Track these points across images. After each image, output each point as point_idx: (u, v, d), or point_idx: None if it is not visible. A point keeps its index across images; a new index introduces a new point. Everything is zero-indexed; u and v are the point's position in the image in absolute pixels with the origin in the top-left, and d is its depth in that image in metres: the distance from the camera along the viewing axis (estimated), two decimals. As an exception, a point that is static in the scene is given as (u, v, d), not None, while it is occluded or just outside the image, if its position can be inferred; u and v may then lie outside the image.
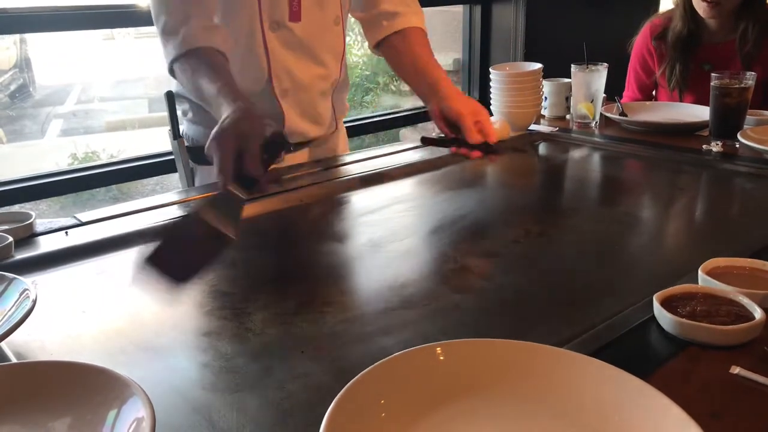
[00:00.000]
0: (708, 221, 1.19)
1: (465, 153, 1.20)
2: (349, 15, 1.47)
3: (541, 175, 1.52)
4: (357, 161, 1.45)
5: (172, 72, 1.21)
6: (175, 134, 1.45)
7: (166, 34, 1.19)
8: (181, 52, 1.16)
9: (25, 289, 0.75)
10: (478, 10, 2.83)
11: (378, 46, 1.45)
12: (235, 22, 1.28)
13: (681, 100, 2.04)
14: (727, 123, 1.51)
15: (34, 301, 0.73)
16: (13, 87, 6.17)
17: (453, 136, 1.22)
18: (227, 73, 1.13)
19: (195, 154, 1.45)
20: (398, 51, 1.41)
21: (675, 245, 1.09)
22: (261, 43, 1.30)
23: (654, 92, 2.19)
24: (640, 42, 2.16)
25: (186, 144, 1.46)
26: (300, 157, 1.47)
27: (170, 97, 1.44)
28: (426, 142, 1.29)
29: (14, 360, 0.72)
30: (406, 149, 1.55)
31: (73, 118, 6.07)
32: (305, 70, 1.36)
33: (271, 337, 0.77)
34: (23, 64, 6.44)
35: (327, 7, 1.36)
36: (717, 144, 1.44)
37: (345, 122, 1.65)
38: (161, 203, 1.20)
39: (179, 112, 1.46)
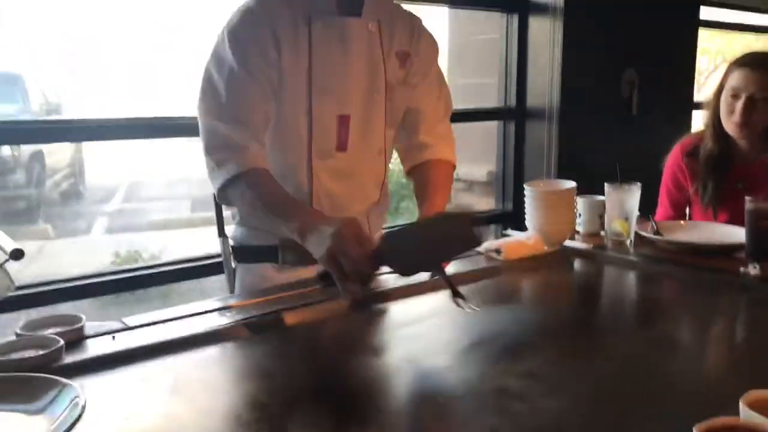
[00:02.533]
0: (748, 348, 1.18)
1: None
2: None
3: (577, 292, 1.53)
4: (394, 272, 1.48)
5: (223, 192, 1.31)
6: (220, 232, 1.54)
7: (221, 155, 1.30)
8: (239, 172, 1.28)
9: (75, 397, 0.78)
10: (512, 126, 2.94)
11: (408, 174, 1.56)
12: (284, 149, 1.39)
13: (715, 218, 2.05)
14: (763, 246, 1.51)
15: (83, 408, 0.76)
16: (65, 185, 6.48)
17: None
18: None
19: (238, 253, 1.52)
20: (417, 180, 1.52)
21: (714, 373, 1.08)
22: (305, 168, 1.40)
23: (688, 210, 2.21)
24: (672, 160, 2.20)
25: (231, 243, 1.53)
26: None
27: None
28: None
29: (59, 467, 0.73)
30: (442, 261, 1.57)
31: (119, 216, 6.31)
32: (345, 195, 1.44)
33: (309, 453, 0.78)
34: (76, 164, 6.80)
35: (372, 139, 1.45)
36: (755, 267, 1.44)
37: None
38: (204, 310, 1.24)
39: (229, 214, 1.55)
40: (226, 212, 1.58)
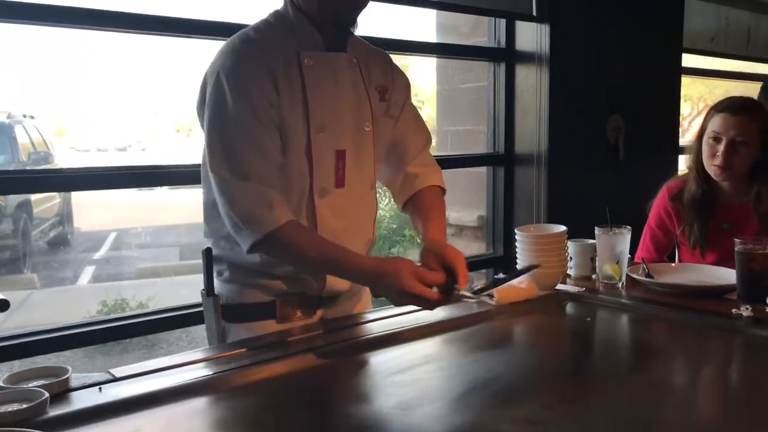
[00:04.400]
0: (743, 391, 1.17)
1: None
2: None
3: (570, 336, 1.52)
4: (384, 318, 1.46)
5: (254, 249, 1.31)
6: (209, 291, 1.48)
7: (246, 215, 1.30)
8: (271, 230, 1.28)
9: (61, 451, 0.76)
10: (501, 171, 2.97)
11: (404, 208, 1.57)
12: (287, 190, 1.37)
13: (703, 258, 2.06)
14: (754, 287, 1.51)
15: (68, 463, 0.73)
16: (52, 234, 6.44)
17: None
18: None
19: (228, 312, 1.45)
20: (414, 209, 1.53)
21: (710, 417, 1.06)
22: (308, 208, 1.38)
23: (677, 252, 2.22)
24: (659, 203, 2.22)
25: (221, 302, 1.48)
26: (326, 313, 1.49)
27: (208, 254, 1.48)
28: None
29: None
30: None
31: (106, 264, 6.25)
32: (345, 232, 1.42)
33: (301, 507, 0.75)
34: (64, 212, 6.77)
35: (364, 173, 1.46)
36: (747, 308, 1.44)
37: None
38: (194, 359, 1.22)
39: (214, 271, 1.48)
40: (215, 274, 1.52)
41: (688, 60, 3.63)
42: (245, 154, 1.31)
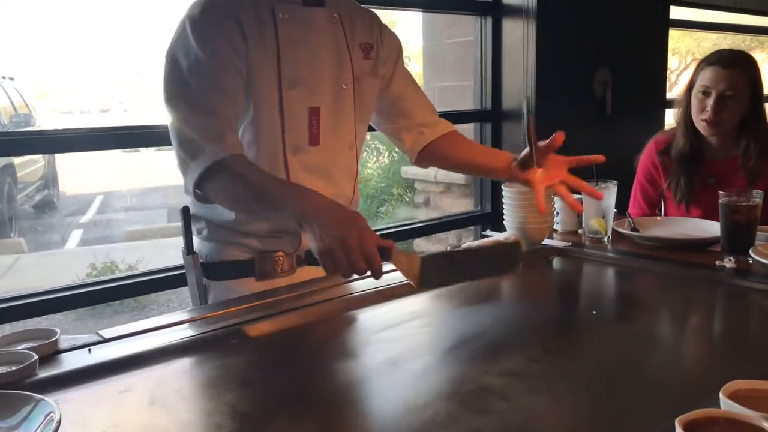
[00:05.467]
0: (726, 340, 1.19)
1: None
2: (366, 136, 1.56)
3: (556, 290, 1.53)
4: (370, 275, 1.47)
5: (200, 188, 1.26)
6: (189, 249, 1.48)
7: (195, 146, 1.25)
8: (217, 159, 1.23)
9: (50, 412, 0.76)
10: (488, 127, 2.95)
11: (422, 153, 1.57)
12: (259, 146, 1.36)
13: (688, 212, 2.08)
14: (738, 239, 1.53)
15: (59, 423, 0.74)
16: (38, 198, 6.39)
17: None
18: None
19: (208, 270, 1.45)
20: (455, 147, 1.57)
21: (694, 365, 1.09)
22: (282, 165, 1.37)
23: (663, 206, 2.24)
24: (646, 157, 2.23)
25: (200, 260, 1.48)
26: (315, 271, 1.49)
27: (186, 213, 1.48)
28: None
29: (34, 484, 0.72)
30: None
31: (94, 227, 6.23)
32: (323, 191, 1.41)
33: (291, 461, 0.76)
34: (49, 176, 6.70)
35: (342, 133, 1.44)
36: (730, 260, 1.46)
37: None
38: (182, 320, 1.22)
39: (194, 230, 1.48)
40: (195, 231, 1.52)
41: (676, 12, 3.59)
42: (200, 90, 1.27)
